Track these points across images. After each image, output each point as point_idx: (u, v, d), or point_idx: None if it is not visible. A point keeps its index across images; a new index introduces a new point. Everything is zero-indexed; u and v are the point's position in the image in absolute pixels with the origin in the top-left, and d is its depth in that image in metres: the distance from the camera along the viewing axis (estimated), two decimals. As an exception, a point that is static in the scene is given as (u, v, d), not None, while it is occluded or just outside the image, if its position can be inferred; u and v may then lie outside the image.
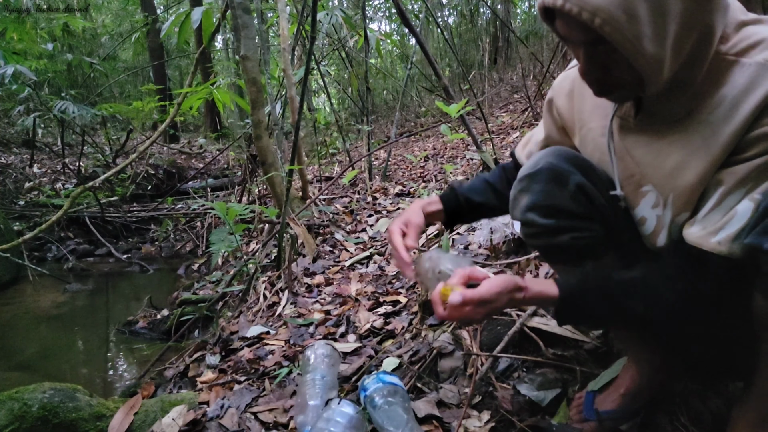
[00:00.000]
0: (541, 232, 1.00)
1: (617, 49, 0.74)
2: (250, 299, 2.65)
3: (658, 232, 0.93)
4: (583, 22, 0.72)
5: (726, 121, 0.78)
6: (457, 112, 1.86)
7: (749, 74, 0.75)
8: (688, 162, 0.84)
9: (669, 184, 0.88)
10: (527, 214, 0.99)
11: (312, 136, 6.48)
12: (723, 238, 0.78)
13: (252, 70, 3.06)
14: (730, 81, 0.77)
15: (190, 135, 11.52)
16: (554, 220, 0.97)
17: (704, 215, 0.82)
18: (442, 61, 11.41)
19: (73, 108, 5.20)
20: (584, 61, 0.81)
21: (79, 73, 9.34)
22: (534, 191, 0.98)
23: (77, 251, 4.92)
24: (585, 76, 0.84)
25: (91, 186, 3.68)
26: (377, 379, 1.29)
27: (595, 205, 0.97)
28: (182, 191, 6.31)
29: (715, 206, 0.80)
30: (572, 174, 0.96)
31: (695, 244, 0.81)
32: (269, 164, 3.21)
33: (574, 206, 0.96)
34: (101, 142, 7.43)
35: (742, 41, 0.77)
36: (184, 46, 9.56)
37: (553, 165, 0.97)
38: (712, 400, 1.10)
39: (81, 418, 1.36)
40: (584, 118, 1.04)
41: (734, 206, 0.78)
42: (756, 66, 0.75)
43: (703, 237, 0.80)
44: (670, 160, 0.87)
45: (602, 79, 0.83)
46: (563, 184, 0.96)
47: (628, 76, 0.78)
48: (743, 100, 0.76)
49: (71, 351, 2.87)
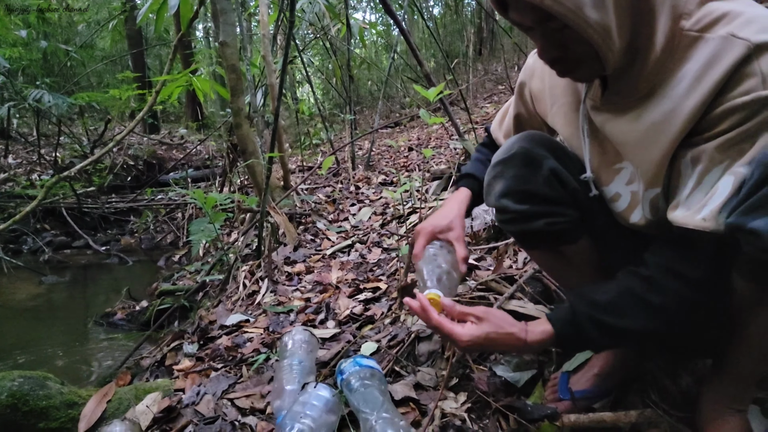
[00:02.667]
0: (516, 218, 1.00)
1: (566, 24, 0.73)
2: (230, 288, 2.63)
3: (633, 207, 0.93)
4: (529, 1, 0.72)
5: (688, 96, 0.77)
6: (435, 95, 1.85)
7: (711, 48, 0.74)
8: (652, 137, 0.83)
9: (636, 160, 0.88)
10: (501, 200, 0.99)
11: (295, 127, 6.43)
12: (707, 214, 0.76)
13: (231, 56, 3.01)
14: (694, 56, 0.77)
15: (170, 125, 11.35)
16: (528, 205, 0.97)
17: (687, 196, 0.80)
18: (426, 51, 11.39)
19: (49, 97, 5.07)
20: (540, 42, 0.82)
21: (55, 61, 9.13)
22: (507, 177, 0.98)
23: (54, 243, 4.84)
24: (544, 58, 0.84)
25: (66, 176, 3.60)
26: (354, 362, 1.29)
27: (569, 190, 0.97)
28: (162, 182, 6.21)
29: (695, 186, 0.79)
30: (545, 159, 0.96)
31: (682, 224, 0.80)
32: (250, 153, 3.17)
33: (548, 191, 0.96)
34: (78, 132, 7.28)
35: (705, 17, 0.76)
36: (163, 34, 9.40)
37: (527, 150, 0.96)
38: (682, 378, 1.11)
39: (52, 406, 1.33)
40: (557, 93, 1.04)
41: (714, 184, 0.77)
42: (718, 40, 0.74)
43: (688, 216, 0.79)
44: (635, 136, 0.86)
45: (560, 57, 0.82)
46: (537, 169, 0.95)
47: (583, 50, 0.78)
48: (705, 73, 0.75)
49: (47, 343, 2.82)
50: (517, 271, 1.72)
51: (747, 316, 0.83)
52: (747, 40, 0.71)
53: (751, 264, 0.76)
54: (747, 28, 0.72)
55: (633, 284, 0.86)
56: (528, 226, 0.99)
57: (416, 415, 1.21)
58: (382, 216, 3.28)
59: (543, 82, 1.08)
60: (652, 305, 0.84)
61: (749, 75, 0.71)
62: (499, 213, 1.03)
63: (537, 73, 1.09)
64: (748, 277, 0.79)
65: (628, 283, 0.87)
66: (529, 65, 1.12)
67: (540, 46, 0.82)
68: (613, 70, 0.81)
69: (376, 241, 2.81)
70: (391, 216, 3.19)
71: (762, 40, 0.70)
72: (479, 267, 1.89)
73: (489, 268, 1.87)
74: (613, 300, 0.86)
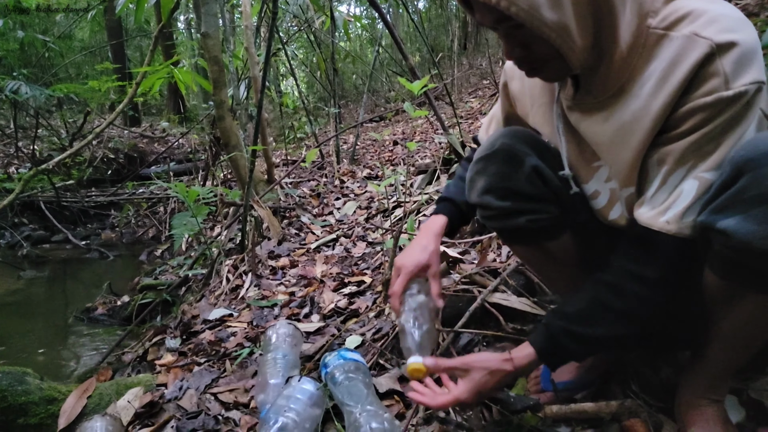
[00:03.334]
0: (498, 215, 1.00)
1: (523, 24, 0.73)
2: (213, 283, 2.60)
3: (612, 204, 0.94)
4: (485, 2, 0.72)
5: (655, 95, 0.78)
6: (420, 88, 1.85)
7: (676, 47, 0.75)
8: (622, 137, 0.84)
9: (610, 159, 0.89)
10: (483, 196, 0.99)
11: (280, 120, 6.37)
12: (671, 217, 0.78)
13: (213, 48, 2.97)
14: (659, 55, 0.77)
15: (152, 118, 11.16)
16: (510, 202, 0.97)
17: (651, 195, 0.82)
18: (411, 45, 11.35)
19: (26, 88, 4.95)
20: (504, 41, 0.82)
21: (32, 52, 8.92)
22: (489, 173, 0.98)
23: (32, 237, 4.75)
24: (509, 57, 0.84)
25: (44, 169, 3.52)
26: (338, 356, 1.29)
27: (551, 187, 0.97)
28: (144, 176, 6.12)
29: (660, 186, 0.81)
30: (527, 156, 0.96)
31: (646, 224, 0.82)
32: (233, 146, 3.14)
33: (530, 188, 0.96)
34: (57, 124, 7.14)
35: (670, 15, 0.77)
36: (143, 25, 9.24)
37: (509, 146, 0.96)
38: (661, 370, 1.13)
39: (31, 402, 1.31)
40: (536, 94, 1.04)
41: (678, 185, 0.78)
42: (682, 39, 0.74)
43: (652, 217, 0.81)
44: (607, 136, 0.87)
45: (525, 57, 0.83)
46: (519, 166, 0.95)
47: (545, 50, 0.78)
48: (671, 73, 0.76)
49: (27, 338, 2.77)
50: (501, 264, 1.73)
51: (720, 311, 0.85)
52: (710, 39, 0.72)
53: (722, 261, 0.77)
54: (710, 27, 0.73)
55: (598, 292, 0.88)
56: (510, 223, 1.00)
57: (401, 407, 1.22)
58: (367, 210, 3.28)
59: (522, 83, 1.08)
60: (615, 310, 0.86)
61: (712, 75, 0.72)
62: (481, 209, 1.03)
63: (516, 74, 1.09)
64: (719, 274, 0.80)
65: (594, 291, 0.89)
66: (509, 66, 1.11)
67: (504, 45, 0.83)
68: (581, 69, 0.81)
69: (360, 235, 2.80)
70: (376, 210, 3.19)
71: (724, 40, 0.71)
72: (463, 261, 1.90)
73: (473, 261, 1.88)
74: (583, 310, 0.89)
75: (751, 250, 0.68)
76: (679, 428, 0.97)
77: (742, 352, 0.89)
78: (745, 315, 0.81)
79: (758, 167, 0.67)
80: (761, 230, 0.67)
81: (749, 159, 0.68)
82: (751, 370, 1.06)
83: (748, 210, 0.68)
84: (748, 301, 0.79)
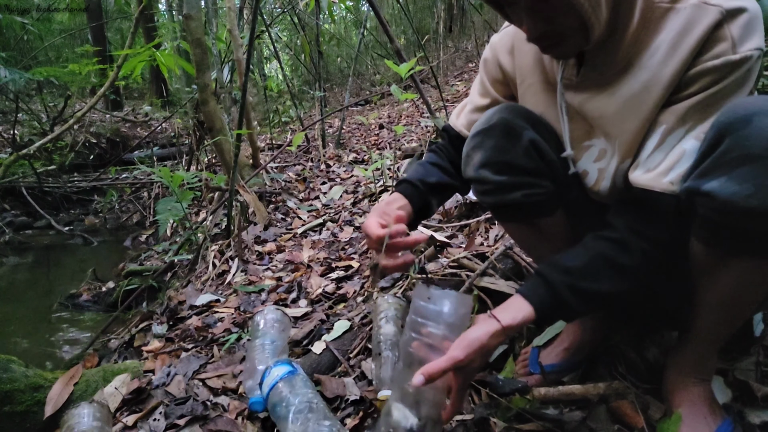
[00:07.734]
0: (494, 189, 0.98)
1: None
2: (199, 268, 2.59)
3: (600, 182, 0.95)
4: None
5: (666, 63, 0.79)
6: (407, 71, 1.83)
7: (685, 16, 0.77)
8: (630, 107, 0.85)
9: (615, 132, 0.89)
10: (480, 170, 0.98)
11: (264, 104, 6.30)
12: (674, 178, 0.78)
13: (196, 30, 2.92)
14: (666, 26, 0.79)
15: (134, 102, 10.96)
16: (507, 176, 0.96)
17: (647, 156, 0.82)
18: (396, 28, 11.23)
19: (5, 72, 4.82)
20: (526, 16, 0.80)
21: (11, 34, 8.69)
22: (487, 147, 0.96)
23: (14, 224, 4.66)
24: (531, 33, 0.82)
25: (25, 154, 3.46)
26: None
27: (547, 161, 0.97)
28: (127, 161, 6.01)
29: (657, 146, 0.81)
30: (525, 129, 0.95)
31: (646, 186, 0.81)
32: (217, 130, 3.10)
33: (527, 162, 0.95)
34: (37, 109, 6.97)
35: None
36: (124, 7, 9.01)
37: (507, 120, 0.95)
38: (648, 351, 1.15)
39: (17, 390, 1.29)
40: (525, 73, 1.03)
41: (676, 145, 0.79)
42: (691, 8, 0.77)
43: (653, 179, 0.81)
44: (613, 108, 0.87)
45: (548, 31, 0.81)
46: (516, 140, 0.94)
47: (570, 22, 0.78)
48: (681, 40, 0.77)
49: (10, 325, 2.73)
50: (489, 248, 1.74)
51: (705, 281, 0.85)
52: (719, 6, 0.74)
53: (707, 227, 0.78)
54: None
55: (603, 247, 0.86)
56: (506, 198, 0.98)
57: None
58: (354, 194, 3.27)
59: (512, 60, 1.06)
60: (623, 266, 0.85)
61: (721, 39, 0.74)
62: (477, 184, 1.01)
63: (505, 49, 1.07)
64: (704, 241, 0.80)
65: (598, 246, 0.87)
66: (496, 43, 1.08)
67: (526, 21, 0.81)
68: (594, 44, 0.82)
69: (347, 219, 2.80)
70: (362, 194, 3.18)
71: (733, 6, 0.73)
72: (451, 245, 1.90)
73: (461, 245, 1.89)
74: (587, 264, 0.86)
75: (735, 210, 0.69)
76: (666, 409, 0.98)
77: (727, 324, 0.90)
78: (729, 284, 0.82)
79: (738, 129, 0.69)
80: (743, 189, 0.67)
81: (729, 123, 0.70)
82: (736, 351, 1.07)
83: (731, 171, 0.69)
84: (732, 268, 0.80)
